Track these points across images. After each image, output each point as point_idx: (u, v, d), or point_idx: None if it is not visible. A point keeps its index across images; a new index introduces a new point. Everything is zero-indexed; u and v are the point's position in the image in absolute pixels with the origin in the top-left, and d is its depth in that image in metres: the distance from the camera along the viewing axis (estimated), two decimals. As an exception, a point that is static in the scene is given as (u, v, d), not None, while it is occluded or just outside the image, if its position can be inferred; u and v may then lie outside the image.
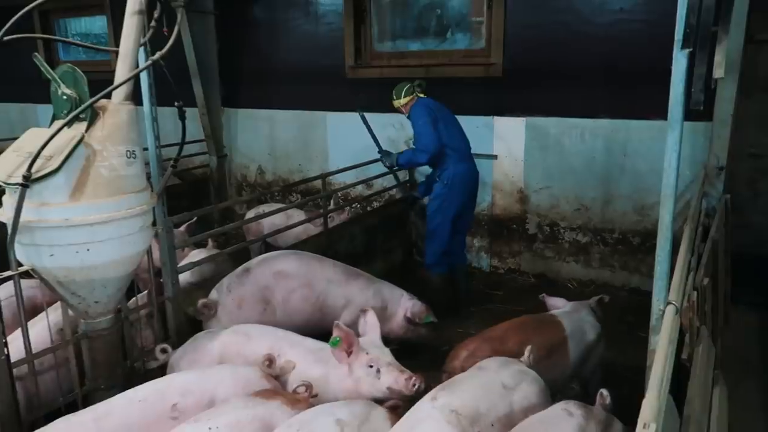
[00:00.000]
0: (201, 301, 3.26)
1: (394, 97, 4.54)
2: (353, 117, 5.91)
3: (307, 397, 2.37)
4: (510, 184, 5.30)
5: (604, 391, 2.36)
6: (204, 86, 6.43)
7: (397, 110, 4.62)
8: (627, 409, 3.15)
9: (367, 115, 5.30)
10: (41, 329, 2.70)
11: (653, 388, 1.34)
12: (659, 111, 4.50)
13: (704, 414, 2.16)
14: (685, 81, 1.88)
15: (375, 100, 5.79)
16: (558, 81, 4.97)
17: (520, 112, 5.13)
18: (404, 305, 3.68)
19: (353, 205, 5.40)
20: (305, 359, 2.69)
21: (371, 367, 2.54)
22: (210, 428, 2.07)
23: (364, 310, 2.88)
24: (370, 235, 4.94)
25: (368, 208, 5.65)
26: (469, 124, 5.31)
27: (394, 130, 5.76)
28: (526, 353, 2.60)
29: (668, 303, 2.00)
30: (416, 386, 2.47)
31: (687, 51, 1.85)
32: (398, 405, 2.46)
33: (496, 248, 5.52)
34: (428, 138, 4.29)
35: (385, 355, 2.61)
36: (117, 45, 2.61)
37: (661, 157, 1.98)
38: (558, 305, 3.53)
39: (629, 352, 3.98)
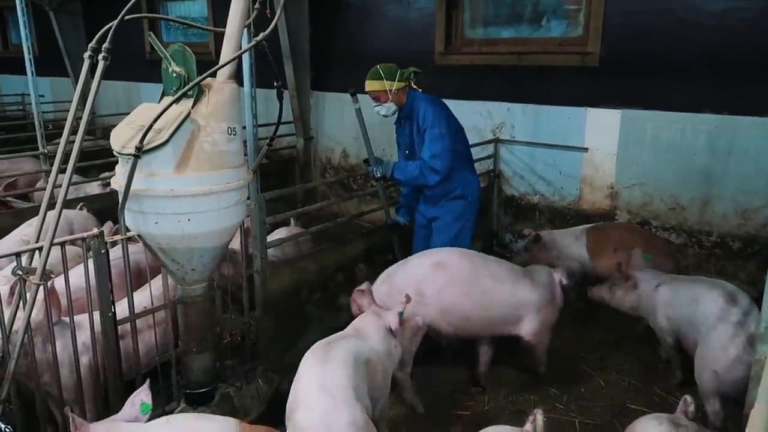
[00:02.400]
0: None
1: (383, 76, 3.58)
2: (440, 104, 5.89)
3: None
4: (600, 179, 5.10)
5: (688, 398, 2.26)
6: (295, 69, 6.61)
7: (372, 94, 3.69)
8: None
9: (452, 102, 5.22)
10: (144, 297, 2.90)
11: (763, 398, 1.25)
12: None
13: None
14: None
15: (463, 87, 5.75)
16: (659, 72, 4.70)
17: (615, 104, 4.91)
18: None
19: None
20: None
21: None
22: None
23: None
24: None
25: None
26: (559, 115, 5.20)
27: (481, 118, 5.68)
28: (535, 420, 2.09)
29: (779, 311, 1.87)
30: None
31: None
32: None
33: (581, 244, 5.33)
34: (448, 157, 3.58)
35: None
36: (215, 26, 2.71)
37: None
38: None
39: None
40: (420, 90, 3.76)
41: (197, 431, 1.99)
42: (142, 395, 2.08)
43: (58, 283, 2.50)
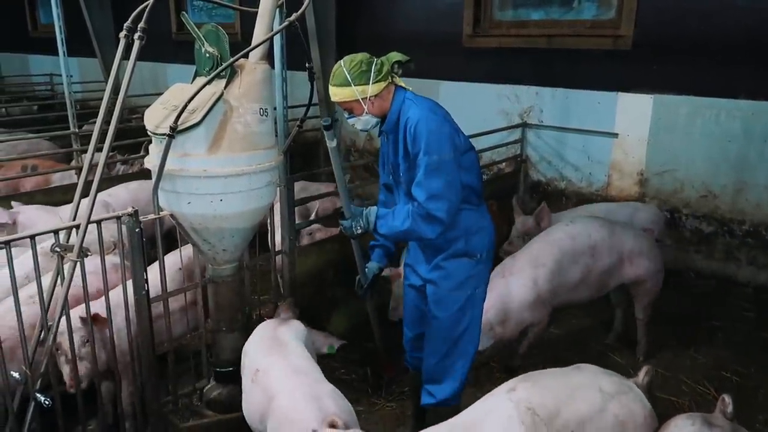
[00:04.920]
0: None
1: (350, 81, 2.35)
2: (467, 87, 5.84)
3: None
4: (630, 165, 5.01)
5: (727, 397, 2.18)
6: (321, 51, 6.57)
7: (339, 104, 2.47)
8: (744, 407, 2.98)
9: (479, 86, 5.16)
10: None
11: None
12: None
13: None
14: None
15: (491, 70, 5.68)
16: (694, 56, 4.58)
17: (648, 88, 4.80)
18: None
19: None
20: None
21: None
22: None
23: None
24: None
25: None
26: (589, 99, 5.11)
27: (509, 102, 5.60)
28: (642, 374, 2.21)
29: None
30: None
31: None
32: None
33: (608, 231, 5.27)
34: (455, 194, 2.37)
35: None
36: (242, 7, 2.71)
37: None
38: None
39: (750, 351, 3.74)
40: (410, 88, 2.51)
41: None
42: None
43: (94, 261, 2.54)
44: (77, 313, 2.48)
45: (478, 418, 2.03)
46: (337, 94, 2.40)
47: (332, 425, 1.94)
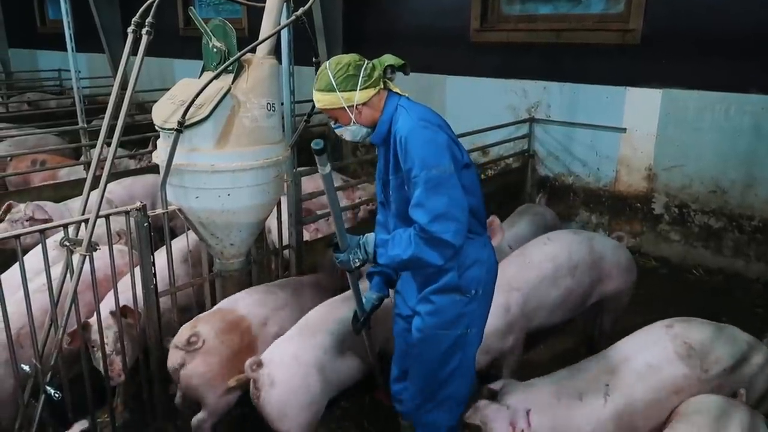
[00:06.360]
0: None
1: (335, 86, 2.07)
2: (473, 81, 5.82)
3: None
4: (638, 160, 4.98)
5: (742, 390, 2.28)
6: (328, 46, 6.58)
7: (324, 112, 2.17)
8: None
9: (487, 80, 5.11)
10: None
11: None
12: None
13: None
14: None
15: (498, 65, 5.65)
16: (703, 51, 4.54)
17: (656, 83, 4.77)
18: None
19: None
20: None
21: None
22: None
23: None
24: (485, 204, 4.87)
25: (482, 177, 5.57)
26: (598, 94, 5.08)
27: (517, 97, 5.57)
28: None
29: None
30: None
31: None
32: None
33: (615, 226, 5.24)
34: (464, 211, 2.06)
35: None
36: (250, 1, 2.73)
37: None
38: None
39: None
40: (406, 94, 2.23)
41: None
42: None
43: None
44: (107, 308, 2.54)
45: (634, 349, 2.26)
46: (320, 100, 2.10)
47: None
